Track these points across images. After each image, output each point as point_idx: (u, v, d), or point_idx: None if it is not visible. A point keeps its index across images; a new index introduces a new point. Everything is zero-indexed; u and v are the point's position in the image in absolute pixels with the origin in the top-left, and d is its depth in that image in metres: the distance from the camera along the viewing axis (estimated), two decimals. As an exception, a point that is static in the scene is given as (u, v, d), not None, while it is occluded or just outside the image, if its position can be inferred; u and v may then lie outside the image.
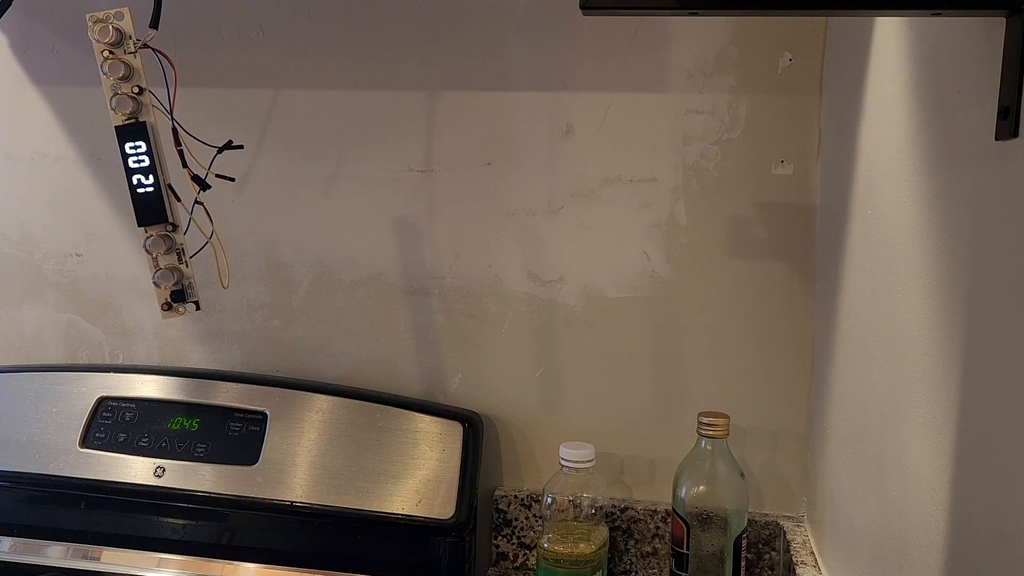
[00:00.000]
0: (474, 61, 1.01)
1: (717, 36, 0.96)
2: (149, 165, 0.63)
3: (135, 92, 0.62)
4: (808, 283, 0.97)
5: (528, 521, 1.04)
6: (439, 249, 1.05)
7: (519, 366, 1.05)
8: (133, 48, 0.62)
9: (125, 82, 0.62)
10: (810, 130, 0.96)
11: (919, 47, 0.60)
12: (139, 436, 1.01)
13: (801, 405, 0.99)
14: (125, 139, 0.63)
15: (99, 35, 0.61)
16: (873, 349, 0.69)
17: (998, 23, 0.45)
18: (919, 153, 0.59)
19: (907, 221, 0.61)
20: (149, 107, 0.63)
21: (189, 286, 0.66)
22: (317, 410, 1.00)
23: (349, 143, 1.05)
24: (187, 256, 0.66)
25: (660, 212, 0.99)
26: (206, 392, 1.03)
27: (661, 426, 1.02)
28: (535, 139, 1.01)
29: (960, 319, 0.50)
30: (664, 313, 1.01)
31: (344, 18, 1.03)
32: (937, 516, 0.53)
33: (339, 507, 0.97)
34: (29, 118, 1.12)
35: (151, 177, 0.63)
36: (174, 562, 1.00)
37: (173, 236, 0.65)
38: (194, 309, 0.67)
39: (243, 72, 1.06)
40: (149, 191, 0.64)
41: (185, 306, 0.67)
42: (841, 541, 0.80)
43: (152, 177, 0.63)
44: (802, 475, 1.00)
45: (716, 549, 0.90)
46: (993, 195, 0.46)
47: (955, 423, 0.51)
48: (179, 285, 0.67)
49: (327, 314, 1.08)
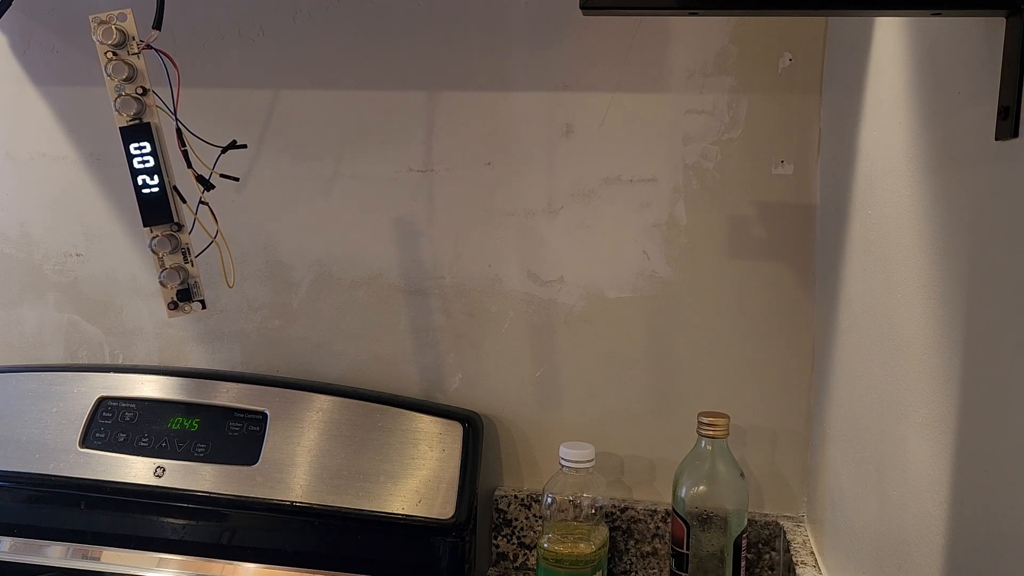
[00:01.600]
0: (474, 61, 1.01)
1: (717, 36, 0.96)
2: (154, 166, 0.63)
3: (139, 93, 0.62)
4: (808, 283, 0.97)
5: (528, 521, 1.04)
6: (439, 249, 1.05)
7: (519, 366, 1.05)
8: (136, 49, 0.62)
9: (129, 83, 0.62)
10: (810, 130, 0.96)
11: (919, 47, 0.60)
12: (139, 436, 1.01)
13: (801, 405, 0.99)
14: (130, 140, 0.63)
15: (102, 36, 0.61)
16: (873, 349, 0.69)
17: (998, 23, 0.45)
18: (919, 153, 0.59)
19: (907, 221, 0.61)
20: (153, 108, 0.63)
21: (195, 285, 0.67)
22: (317, 410, 1.00)
23: (349, 143, 1.05)
24: (192, 255, 0.67)
25: (660, 212, 1.00)
26: (206, 392, 1.03)
27: (661, 426, 1.02)
28: (535, 139, 1.01)
29: (960, 319, 0.50)
30: (664, 313, 1.01)
31: (344, 18, 1.03)
32: (937, 515, 0.53)
33: (339, 507, 0.97)
34: (29, 118, 1.12)
35: (156, 177, 0.63)
36: (174, 562, 1.00)
37: (178, 236, 0.65)
38: (200, 308, 0.67)
39: (243, 72, 1.06)
40: (154, 191, 0.64)
41: (191, 305, 0.68)
42: (841, 541, 0.80)
43: (157, 177, 0.63)
44: (802, 475, 1.00)
45: (716, 549, 0.90)
46: (993, 195, 0.46)
47: (955, 423, 0.51)
48: (185, 284, 0.67)
49: (327, 314, 1.08)
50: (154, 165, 0.63)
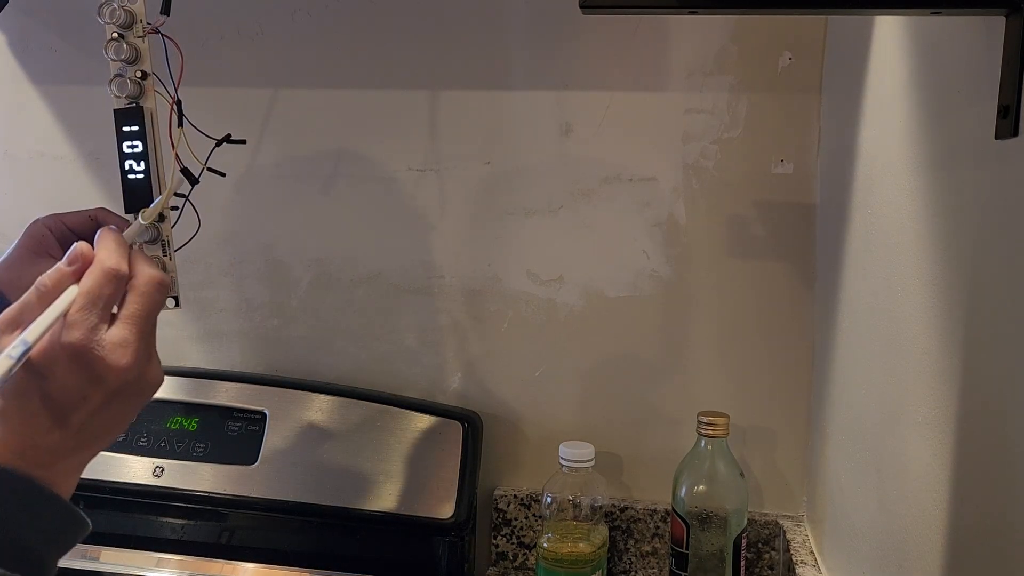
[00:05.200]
0: (474, 60, 1.01)
1: (717, 35, 0.96)
2: (142, 151, 0.62)
3: (139, 76, 0.62)
4: (808, 283, 0.97)
5: (528, 521, 1.03)
6: (438, 248, 1.05)
7: (519, 366, 1.05)
8: (142, 32, 0.62)
9: (130, 65, 0.61)
10: (810, 129, 0.96)
11: (919, 46, 0.60)
12: (138, 436, 1.01)
13: (801, 404, 0.99)
14: (122, 123, 0.62)
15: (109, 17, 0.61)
16: (873, 348, 0.69)
17: (998, 22, 0.45)
18: (919, 152, 0.59)
19: (907, 220, 0.61)
20: (151, 93, 0.63)
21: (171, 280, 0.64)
22: (316, 410, 1.00)
23: (348, 142, 1.05)
24: (172, 249, 0.65)
25: (660, 211, 0.99)
26: (205, 392, 1.02)
27: (661, 426, 1.02)
28: (535, 138, 1.01)
29: (960, 318, 0.50)
30: (664, 313, 1.01)
31: (343, 17, 1.03)
32: (937, 515, 0.53)
33: (338, 507, 0.96)
34: (28, 117, 1.12)
35: (143, 164, 0.62)
36: (173, 562, 0.99)
37: (159, 227, 0.64)
38: (172, 305, 0.65)
39: (242, 70, 1.06)
40: (139, 178, 0.63)
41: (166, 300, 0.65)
42: (841, 540, 0.80)
43: (144, 164, 0.62)
44: (802, 474, 1.00)
45: (716, 549, 0.90)
46: (993, 194, 0.46)
47: (955, 423, 0.50)
48: None
49: (326, 313, 1.08)
50: (143, 151, 0.62)
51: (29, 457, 0.50)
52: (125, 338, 0.52)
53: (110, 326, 0.52)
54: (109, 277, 0.52)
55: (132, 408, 0.55)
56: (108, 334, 0.51)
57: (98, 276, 0.52)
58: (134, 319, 0.53)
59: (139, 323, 0.53)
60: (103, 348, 0.51)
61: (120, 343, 0.51)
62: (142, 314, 0.53)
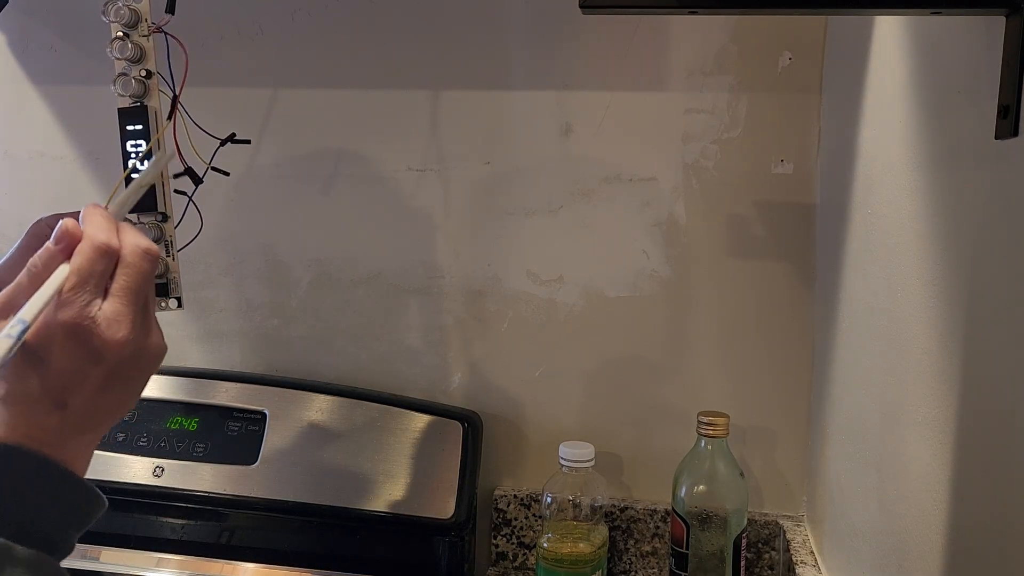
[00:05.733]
0: (474, 60, 1.01)
1: (717, 35, 0.96)
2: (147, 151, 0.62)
3: (143, 75, 0.61)
4: (808, 282, 0.97)
5: (528, 521, 1.03)
6: (438, 248, 1.05)
7: (519, 366, 1.05)
8: (147, 31, 0.62)
9: (135, 64, 0.61)
10: (810, 129, 0.96)
11: (919, 46, 0.60)
12: (138, 436, 1.01)
13: (801, 404, 0.99)
14: (127, 122, 0.62)
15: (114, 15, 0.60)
16: (873, 348, 0.69)
17: (998, 22, 0.45)
18: (919, 152, 0.59)
19: (907, 220, 0.61)
20: (155, 92, 0.63)
21: (173, 280, 0.64)
22: (316, 410, 1.00)
23: (348, 142, 1.05)
24: (175, 249, 0.64)
25: (660, 211, 0.99)
26: (205, 391, 1.02)
27: (661, 426, 1.02)
28: (535, 138, 1.01)
29: (960, 318, 0.50)
30: (664, 312, 1.01)
31: (343, 17, 1.03)
32: (937, 515, 0.53)
33: (338, 507, 0.96)
34: (28, 117, 1.12)
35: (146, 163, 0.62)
36: (173, 562, 0.99)
37: (162, 227, 0.64)
38: (175, 306, 0.65)
39: (242, 70, 1.06)
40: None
41: (168, 301, 0.65)
42: (841, 540, 0.80)
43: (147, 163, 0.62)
44: (802, 474, 1.00)
45: (716, 549, 0.90)
46: (993, 194, 0.46)
47: (955, 423, 0.50)
48: (164, 279, 0.64)
49: (326, 313, 1.08)
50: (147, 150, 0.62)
51: (37, 437, 0.50)
52: (119, 311, 0.51)
53: (104, 301, 0.51)
54: (100, 252, 0.51)
55: (136, 383, 0.55)
56: (102, 310, 0.51)
57: (88, 252, 0.51)
58: (125, 291, 0.52)
59: (130, 295, 0.52)
60: (98, 324, 0.50)
61: (115, 317, 0.51)
62: (132, 286, 0.52)
